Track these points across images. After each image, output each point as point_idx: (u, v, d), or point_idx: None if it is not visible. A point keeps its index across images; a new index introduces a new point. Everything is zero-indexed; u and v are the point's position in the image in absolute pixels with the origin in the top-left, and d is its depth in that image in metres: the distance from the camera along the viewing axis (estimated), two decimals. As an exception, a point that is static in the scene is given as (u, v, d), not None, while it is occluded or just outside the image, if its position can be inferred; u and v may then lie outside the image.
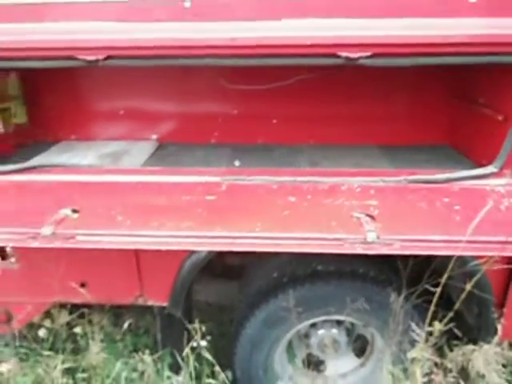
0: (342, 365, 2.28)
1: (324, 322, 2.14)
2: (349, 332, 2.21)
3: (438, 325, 1.64)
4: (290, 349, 2.24)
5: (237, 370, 2.13)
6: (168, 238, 1.56)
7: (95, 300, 1.99)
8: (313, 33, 1.62)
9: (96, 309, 2.36)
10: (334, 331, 2.17)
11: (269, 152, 2.36)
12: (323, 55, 1.65)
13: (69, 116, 2.56)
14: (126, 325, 2.18)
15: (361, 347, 2.27)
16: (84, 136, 2.58)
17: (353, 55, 1.61)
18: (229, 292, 2.55)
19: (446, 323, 1.65)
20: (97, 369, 2.09)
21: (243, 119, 2.49)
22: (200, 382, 2.07)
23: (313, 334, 2.19)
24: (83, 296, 1.94)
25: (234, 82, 2.32)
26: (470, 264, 1.60)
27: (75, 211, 1.65)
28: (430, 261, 1.77)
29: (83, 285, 1.98)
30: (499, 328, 1.82)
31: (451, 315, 1.69)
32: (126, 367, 2.15)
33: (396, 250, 1.44)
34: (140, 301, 2.02)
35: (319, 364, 2.29)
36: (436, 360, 1.73)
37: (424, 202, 1.66)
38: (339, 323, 2.17)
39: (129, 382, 2.16)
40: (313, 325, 2.15)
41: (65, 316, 2.17)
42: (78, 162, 2.17)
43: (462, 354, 1.70)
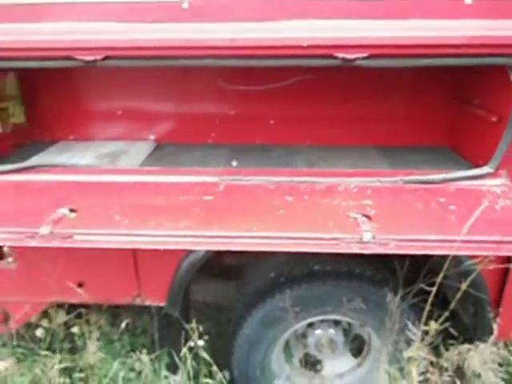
0: (339, 365, 2.28)
1: (321, 322, 2.15)
2: (346, 332, 2.22)
3: (434, 324, 1.65)
4: (288, 349, 2.25)
5: (234, 370, 2.13)
6: (166, 238, 1.56)
7: (93, 300, 1.99)
8: (310, 34, 1.63)
9: (93, 309, 2.36)
10: (331, 331, 2.17)
11: (266, 152, 2.37)
12: (320, 56, 1.66)
13: (67, 116, 2.56)
14: (124, 324, 2.19)
15: (358, 347, 2.27)
16: (82, 136, 2.58)
17: (349, 56, 1.62)
18: (226, 292, 2.56)
19: (442, 322, 1.66)
20: (94, 368, 2.09)
21: (241, 120, 2.49)
22: (197, 382, 2.07)
23: (310, 334, 2.20)
24: (81, 296, 1.94)
25: (232, 83, 2.33)
26: (465, 264, 1.62)
27: (73, 211, 1.65)
28: (427, 261, 1.78)
29: (81, 285, 1.98)
30: (495, 328, 1.83)
31: (447, 315, 1.70)
32: (124, 367, 2.15)
33: (391, 250, 1.45)
34: (137, 301, 2.03)
35: (316, 364, 2.30)
36: (432, 359, 1.74)
37: (420, 202, 1.67)
38: (336, 323, 2.17)
39: (126, 382, 2.16)
40: (310, 325, 2.16)
41: (62, 316, 2.17)
42: (76, 162, 2.16)
43: (458, 354, 1.70)
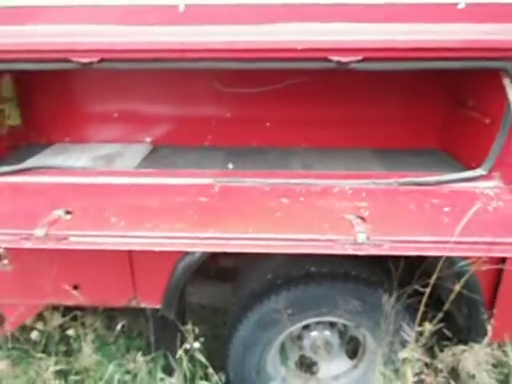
0: (335, 367, 2.28)
1: (317, 324, 2.15)
2: (341, 334, 2.22)
3: (429, 325, 1.65)
4: (283, 351, 2.25)
5: (230, 373, 2.13)
6: (161, 240, 1.56)
7: (88, 302, 1.98)
8: (305, 37, 1.64)
9: (89, 311, 2.35)
10: (327, 333, 2.17)
11: (262, 155, 2.37)
12: (315, 59, 1.67)
13: (63, 118, 2.56)
14: (119, 327, 2.18)
15: (353, 349, 2.28)
16: (78, 138, 2.58)
17: (344, 59, 1.63)
18: (222, 294, 2.55)
19: (436, 324, 1.67)
20: (89, 371, 2.08)
21: (237, 122, 2.50)
22: (193, 384, 2.07)
23: (305, 336, 2.19)
24: (76, 298, 1.94)
25: (228, 86, 2.34)
26: (459, 265, 1.63)
27: (68, 212, 1.65)
28: (421, 262, 1.79)
29: (76, 287, 1.98)
30: (489, 329, 1.84)
31: (441, 316, 1.71)
32: (119, 369, 2.14)
33: (385, 251, 1.46)
34: (133, 303, 2.02)
35: (312, 366, 2.30)
36: (426, 360, 1.75)
37: (414, 204, 1.68)
38: (332, 325, 2.17)
39: (121, 384, 2.16)
40: (305, 327, 2.15)
41: (57, 318, 2.16)
42: (72, 165, 2.16)
43: (452, 355, 1.71)
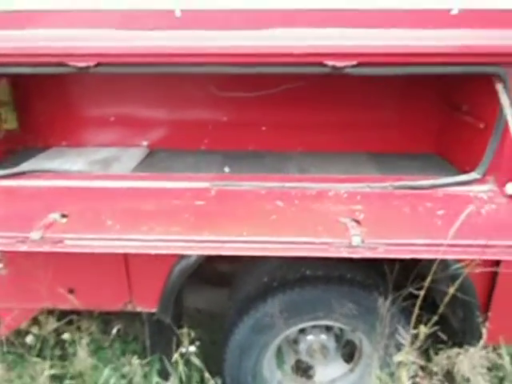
0: (331, 371, 2.28)
1: (313, 328, 2.15)
2: (337, 338, 2.22)
3: (424, 328, 1.66)
4: (280, 355, 2.25)
5: (226, 377, 2.12)
6: (157, 243, 1.57)
7: (84, 306, 1.98)
8: (300, 42, 1.66)
9: (85, 315, 2.35)
10: (323, 337, 2.17)
11: (259, 159, 2.38)
12: (310, 64, 1.69)
13: (59, 122, 2.56)
14: (115, 331, 2.17)
15: (349, 353, 2.28)
16: (74, 142, 2.58)
17: (339, 64, 1.65)
18: (219, 299, 2.55)
19: (431, 327, 1.68)
20: (85, 375, 2.07)
21: (233, 126, 2.51)
22: (189, 389, 2.07)
23: (302, 340, 2.19)
24: (71, 302, 1.94)
25: (224, 90, 2.35)
26: (453, 267, 1.64)
27: (64, 216, 1.66)
28: (416, 265, 1.79)
29: (71, 291, 1.97)
30: (484, 332, 1.85)
31: (436, 319, 1.71)
32: (115, 374, 2.14)
33: (380, 254, 1.47)
34: (129, 307, 2.02)
35: (308, 370, 2.30)
36: (421, 363, 1.75)
37: (409, 208, 1.69)
38: (328, 329, 2.17)
39: (117, 389, 2.15)
40: (302, 331, 2.15)
41: (53, 322, 2.15)
42: (68, 168, 2.17)
43: (447, 358, 1.72)
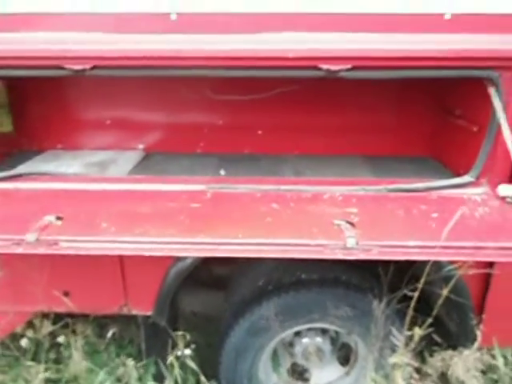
0: (327, 374, 2.27)
1: (308, 331, 2.15)
2: (333, 341, 2.22)
3: (418, 330, 1.67)
4: (275, 358, 2.24)
5: (222, 380, 2.12)
6: (152, 245, 1.57)
7: (79, 309, 1.97)
8: (295, 46, 1.67)
9: (80, 319, 2.34)
10: (319, 340, 2.17)
11: (254, 162, 2.39)
12: (305, 68, 1.70)
13: (55, 125, 2.56)
14: (110, 334, 2.17)
15: (345, 356, 2.28)
16: (70, 145, 2.58)
17: (333, 68, 1.66)
18: (215, 302, 2.55)
19: (426, 329, 1.68)
20: (79, 379, 2.06)
21: (229, 129, 2.52)
22: (185, 392, 2.06)
23: (297, 343, 2.19)
24: (67, 305, 1.93)
25: (220, 93, 2.36)
26: (445, 269, 1.65)
27: (59, 218, 1.65)
28: (411, 267, 1.80)
29: (67, 294, 1.97)
30: (478, 334, 1.85)
31: (432, 321, 1.72)
32: (110, 377, 2.13)
33: (374, 256, 1.48)
34: (124, 310, 2.02)
35: (304, 373, 2.30)
36: (416, 365, 1.76)
37: (403, 210, 1.70)
38: (324, 332, 2.17)
39: (112, 392, 2.14)
40: (297, 333, 2.15)
41: (48, 326, 2.14)
42: (64, 171, 2.16)
43: (442, 360, 1.72)
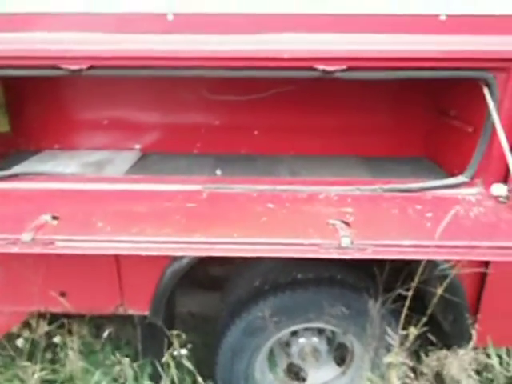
0: (324, 374, 2.28)
1: (305, 331, 2.15)
2: (329, 340, 2.23)
3: (413, 330, 1.67)
4: (272, 358, 2.25)
5: (218, 380, 2.12)
6: (147, 244, 1.57)
7: (75, 309, 1.97)
8: (291, 46, 1.68)
9: (76, 319, 2.34)
10: (315, 340, 2.18)
11: (250, 162, 2.40)
12: (301, 68, 1.71)
13: (52, 125, 2.56)
14: (106, 334, 2.17)
15: (341, 356, 2.28)
16: (67, 145, 2.58)
17: (329, 68, 1.67)
18: (212, 303, 2.55)
19: (421, 328, 1.69)
20: (75, 379, 2.06)
21: (226, 130, 2.53)
22: (181, 393, 2.06)
23: (294, 343, 2.19)
24: (63, 305, 1.93)
25: (216, 93, 2.37)
26: (440, 268, 1.66)
27: (55, 218, 1.66)
28: (408, 266, 1.81)
29: (63, 294, 1.96)
30: (473, 334, 1.86)
31: (425, 320, 1.73)
32: (106, 378, 2.13)
33: (369, 255, 1.48)
34: (120, 310, 2.02)
35: (301, 373, 2.30)
36: (410, 365, 1.76)
37: (398, 210, 1.71)
38: (320, 332, 2.18)
39: (108, 392, 2.14)
40: (294, 333, 2.16)
41: (44, 326, 2.14)
42: (61, 171, 2.17)
43: (437, 359, 1.73)
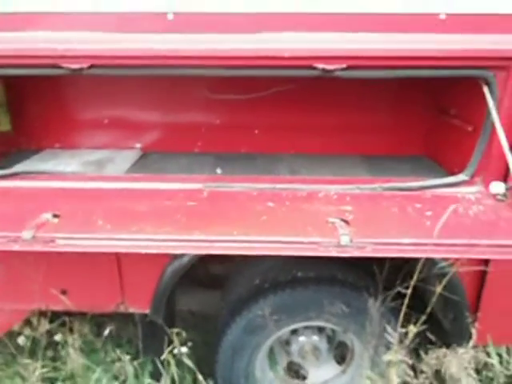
0: (324, 372, 2.28)
1: (305, 329, 2.15)
2: (329, 339, 2.23)
3: (413, 328, 1.68)
4: (272, 356, 2.25)
5: (218, 378, 2.13)
6: (147, 242, 1.57)
7: (76, 307, 1.98)
8: (291, 45, 1.69)
9: (77, 317, 2.35)
10: (315, 338, 2.18)
11: (251, 161, 2.40)
12: (301, 67, 1.71)
13: (53, 124, 2.57)
14: (107, 332, 2.17)
15: (341, 354, 2.28)
16: (68, 144, 2.59)
17: (329, 67, 1.68)
18: (213, 301, 2.56)
19: (420, 326, 1.69)
20: (76, 377, 2.07)
21: (226, 129, 2.53)
22: (182, 390, 2.07)
23: (294, 341, 2.20)
24: (64, 303, 1.94)
25: (216, 92, 2.37)
26: (438, 266, 1.66)
27: (56, 216, 1.66)
28: (408, 265, 1.81)
29: (64, 292, 1.97)
30: (474, 332, 1.86)
31: (425, 319, 1.73)
32: (106, 375, 2.14)
33: (368, 253, 1.48)
34: (121, 308, 2.02)
35: (301, 372, 2.30)
36: (410, 363, 1.77)
37: (397, 208, 1.71)
38: (320, 330, 2.18)
39: (108, 390, 2.15)
40: (294, 332, 2.16)
41: (45, 324, 2.15)
42: (62, 170, 2.18)
43: (436, 358, 1.73)
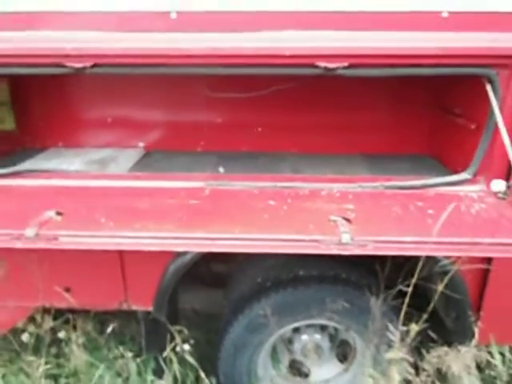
0: (326, 370, 2.29)
1: (307, 328, 2.16)
2: (332, 337, 2.23)
3: (415, 326, 1.68)
4: (275, 354, 2.25)
5: (221, 376, 2.13)
6: (149, 240, 1.58)
7: (80, 305, 1.99)
8: (292, 44, 1.69)
9: (81, 315, 2.36)
10: (317, 336, 2.18)
11: (253, 160, 2.41)
12: (303, 65, 1.71)
13: (57, 123, 2.59)
14: (110, 329, 2.19)
15: (344, 352, 2.29)
16: (72, 143, 2.61)
17: (331, 65, 1.68)
18: (215, 299, 2.57)
19: (422, 325, 1.69)
20: (80, 374, 2.08)
21: (228, 128, 2.54)
22: (184, 388, 2.08)
23: (296, 340, 2.20)
24: (68, 301, 1.95)
25: (218, 91, 2.38)
26: (440, 264, 1.66)
27: (59, 213, 1.68)
28: (410, 263, 1.81)
29: (68, 289, 1.99)
30: (476, 331, 1.86)
31: (428, 317, 1.73)
32: (109, 372, 2.15)
33: (369, 251, 1.48)
34: (124, 306, 2.04)
35: (303, 370, 2.31)
36: (411, 361, 1.77)
37: (399, 207, 1.71)
38: (322, 329, 2.18)
39: (112, 386, 2.16)
40: (296, 330, 2.16)
41: (49, 321, 2.16)
42: (66, 168, 2.19)
43: (438, 356, 1.73)
